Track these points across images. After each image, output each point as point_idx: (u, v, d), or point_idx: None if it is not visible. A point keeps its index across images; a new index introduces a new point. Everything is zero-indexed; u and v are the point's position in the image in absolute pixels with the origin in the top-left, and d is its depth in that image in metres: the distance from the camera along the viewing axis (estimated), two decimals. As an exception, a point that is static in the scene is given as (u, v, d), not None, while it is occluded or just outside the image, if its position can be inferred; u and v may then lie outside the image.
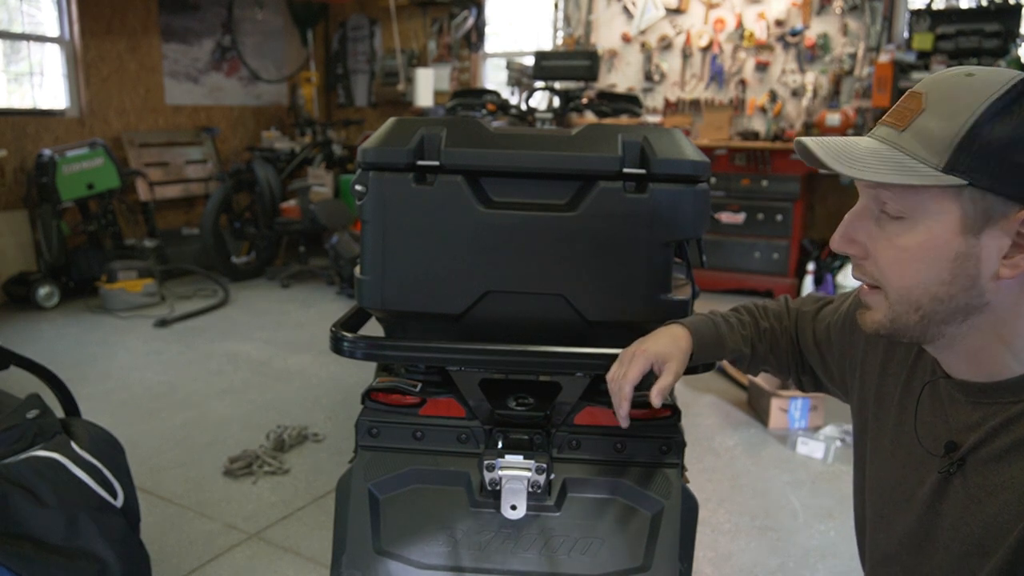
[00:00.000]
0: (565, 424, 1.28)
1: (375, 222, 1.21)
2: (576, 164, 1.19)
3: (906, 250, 0.77)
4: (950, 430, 0.83)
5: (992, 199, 0.72)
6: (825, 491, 2.67)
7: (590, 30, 6.17)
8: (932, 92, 0.76)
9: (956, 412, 0.83)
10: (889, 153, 0.76)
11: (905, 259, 0.77)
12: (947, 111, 0.73)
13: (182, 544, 2.28)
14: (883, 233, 0.79)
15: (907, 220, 0.76)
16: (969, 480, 0.79)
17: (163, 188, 5.94)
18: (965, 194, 0.73)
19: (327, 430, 3.08)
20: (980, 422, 0.79)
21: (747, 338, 1.14)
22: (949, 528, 0.81)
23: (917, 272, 0.77)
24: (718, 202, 5.33)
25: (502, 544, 1.23)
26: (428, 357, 1.26)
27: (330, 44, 7.48)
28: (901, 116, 0.77)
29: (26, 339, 4.23)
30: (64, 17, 5.46)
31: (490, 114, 3.77)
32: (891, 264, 0.78)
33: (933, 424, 0.86)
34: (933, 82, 0.77)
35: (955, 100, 0.73)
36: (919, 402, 0.88)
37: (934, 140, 0.73)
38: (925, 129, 0.74)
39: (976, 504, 0.77)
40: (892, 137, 0.77)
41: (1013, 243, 0.73)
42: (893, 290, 0.79)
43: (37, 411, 1.61)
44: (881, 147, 0.77)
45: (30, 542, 1.43)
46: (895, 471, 0.91)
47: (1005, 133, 0.70)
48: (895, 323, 0.80)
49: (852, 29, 5.30)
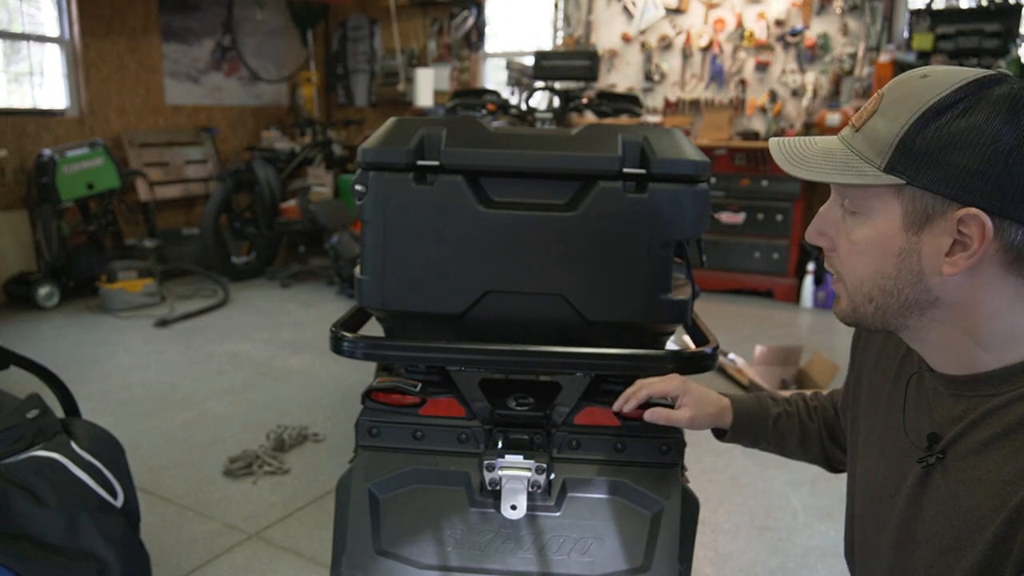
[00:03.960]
0: (565, 424, 1.28)
1: (375, 222, 1.21)
2: (576, 164, 1.19)
3: (857, 244, 0.81)
4: (933, 423, 0.84)
5: (930, 198, 0.74)
6: (825, 491, 2.67)
7: (590, 30, 6.17)
8: (889, 93, 0.79)
9: (939, 405, 0.84)
10: (841, 153, 0.80)
11: (856, 252, 0.81)
12: (894, 112, 0.76)
13: (182, 544, 2.28)
14: (844, 228, 0.83)
15: (859, 216, 0.80)
16: (949, 474, 0.79)
17: (163, 188, 5.95)
18: (905, 193, 0.76)
19: (327, 430, 3.08)
20: (961, 415, 0.80)
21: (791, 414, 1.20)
22: (930, 522, 0.81)
23: (866, 265, 0.81)
24: (718, 202, 5.33)
25: (502, 544, 1.23)
26: (428, 357, 1.26)
27: (330, 44, 7.48)
28: (860, 116, 0.81)
29: (26, 339, 4.23)
30: (64, 17, 5.46)
31: (490, 114, 3.77)
32: (846, 257, 0.83)
33: (918, 417, 0.87)
34: (893, 83, 0.80)
35: (903, 101, 0.76)
36: (906, 395, 0.89)
37: (878, 140, 0.76)
38: (873, 130, 0.78)
39: (955, 498, 0.78)
40: (848, 137, 0.81)
41: (954, 241, 0.74)
42: (848, 281, 0.84)
43: (37, 411, 1.62)
44: (837, 147, 0.81)
45: (30, 542, 1.43)
46: (883, 465, 0.92)
47: (943, 134, 0.72)
48: (855, 312, 0.84)
49: (852, 29, 5.30)
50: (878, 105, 0.79)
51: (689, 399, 1.17)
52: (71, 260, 5.00)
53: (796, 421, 1.19)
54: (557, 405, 1.29)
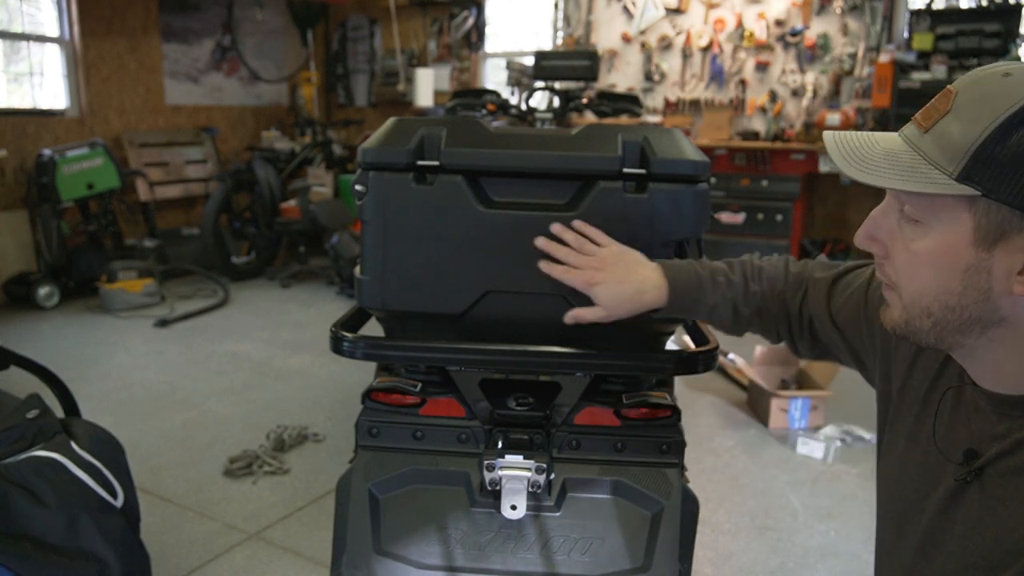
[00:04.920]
0: (565, 424, 1.28)
1: (375, 222, 1.20)
2: (576, 164, 1.18)
3: (918, 255, 0.75)
4: (971, 438, 0.80)
5: (1008, 213, 0.68)
6: (825, 491, 2.67)
7: (590, 30, 6.17)
8: (963, 92, 0.71)
9: (980, 420, 0.80)
10: (907, 156, 0.73)
11: (916, 264, 0.75)
12: (970, 115, 0.69)
13: (182, 544, 2.28)
14: (901, 235, 0.77)
15: (922, 225, 0.74)
16: (987, 490, 0.77)
17: (163, 188, 5.95)
18: (979, 205, 0.69)
19: (327, 430, 3.08)
20: (1004, 433, 0.76)
21: (729, 300, 1.09)
22: (959, 536, 0.79)
23: (927, 278, 0.74)
24: (718, 202, 5.33)
25: (502, 544, 1.23)
26: (428, 357, 1.26)
27: (330, 44, 7.48)
28: (928, 116, 0.73)
29: (26, 339, 4.23)
30: (64, 17, 5.46)
31: (490, 114, 3.77)
32: (904, 267, 0.77)
33: (953, 429, 0.83)
34: (967, 81, 0.73)
35: (981, 103, 0.69)
36: (940, 404, 0.86)
37: (952, 145, 0.69)
38: (945, 133, 0.71)
39: (991, 516, 0.75)
40: (915, 138, 0.74)
41: None
42: (906, 293, 0.78)
43: (37, 411, 1.61)
44: (902, 148, 0.74)
45: (30, 542, 1.43)
46: (908, 470, 0.89)
47: None
48: (909, 325, 0.79)
49: (852, 29, 5.30)
50: (951, 104, 0.71)
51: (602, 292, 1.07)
52: (71, 260, 5.00)
53: (731, 308, 1.10)
54: (557, 405, 1.29)
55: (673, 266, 1.09)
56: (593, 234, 1.13)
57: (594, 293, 1.08)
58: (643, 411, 1.28)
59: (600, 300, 1.08)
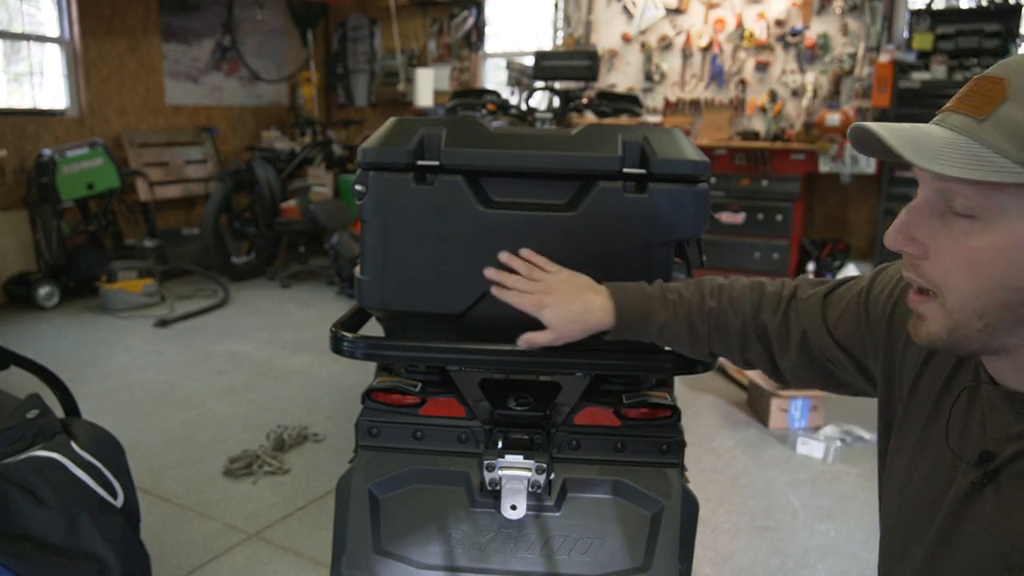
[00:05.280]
0: (565, 424, 1.28)
1: (375, 222, 1.20)
2: (576, 164, 1.18)
3: (975, 252, 0.70)
4: (987, 438, 0.78)
5: None
6: (825, 491, 2.67)
7: (590, 30, 6.17)
8: (1017, 78, 0.68)
9: (995, 420, 0.78)
10: (967, 145, 0.68)
11: (973, 262, 0.70)
12: None
13: (182, 544, 2.28)
14: (948, 232, 0.72)
15: (979, 220, 0.70)
16: (1003, 491, 0.75)
17: (163, 188, 5.95)
18: None
19: (327, 430, 3.08)
20: (1021, 434, 0.75)
21: (682, 317, 1.08)
22: (971, 537, 0.77)
23: (985, 277, 0.70)
24: (718, 202, 5.33)
25: (502, 544, 1.23)
26: (428, 357, 1.26)
27: (330, 44, 7.48)
28: (978, 104, 0.70)
29: (26, 339, 4.23)
30: (64, 17, 5.46)
31: (490, 114, 3.77)
32: (957, 267, 0.72)
33: (967, 428, 0.81)
34: (1017, 66, 0.69)
35: None
36: (955, 404, 0.83)
37: (1018, 131, 0.66)
38: (1009, 119, 0.67)
39: (1006, 517, 0.74)
40: (970, 127, 0.69)
41: None
42: (955, 295, 0.73)
43: (37, 411, 1.61)
44: (958, 138, 0.69)
45: (30, 542, 1.43)
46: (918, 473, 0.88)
47: None
48: (954, 333, 0.74)
49: (852, 29, 5.30)
50: (1006, 91, 0.68)
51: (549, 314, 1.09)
52: (71, 260, 5.00)
53: (685, 326, 1.09)
54: (557, 405, 1.29)
55: (621, 287, 1.12)
56: (541, 262, 1.16)
57: (543, 316, 1.10)
58: (643, 411, 1.28)
59: (548, 322, 1.10)
